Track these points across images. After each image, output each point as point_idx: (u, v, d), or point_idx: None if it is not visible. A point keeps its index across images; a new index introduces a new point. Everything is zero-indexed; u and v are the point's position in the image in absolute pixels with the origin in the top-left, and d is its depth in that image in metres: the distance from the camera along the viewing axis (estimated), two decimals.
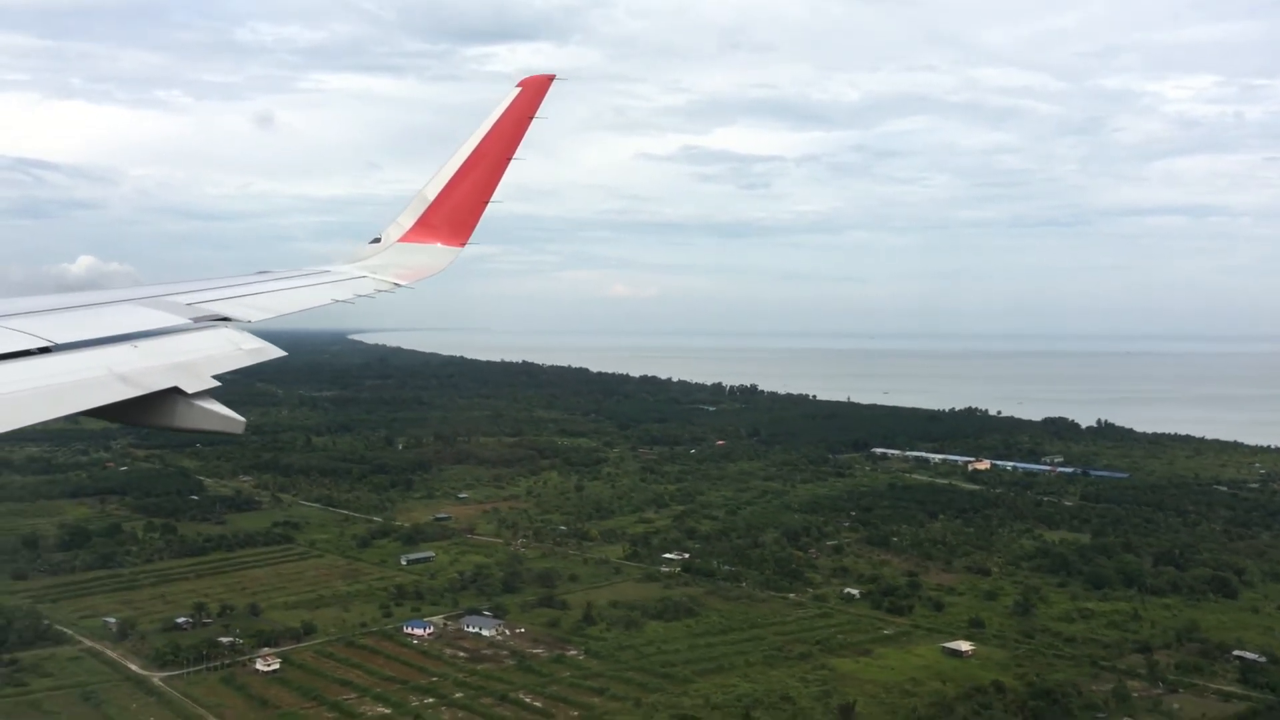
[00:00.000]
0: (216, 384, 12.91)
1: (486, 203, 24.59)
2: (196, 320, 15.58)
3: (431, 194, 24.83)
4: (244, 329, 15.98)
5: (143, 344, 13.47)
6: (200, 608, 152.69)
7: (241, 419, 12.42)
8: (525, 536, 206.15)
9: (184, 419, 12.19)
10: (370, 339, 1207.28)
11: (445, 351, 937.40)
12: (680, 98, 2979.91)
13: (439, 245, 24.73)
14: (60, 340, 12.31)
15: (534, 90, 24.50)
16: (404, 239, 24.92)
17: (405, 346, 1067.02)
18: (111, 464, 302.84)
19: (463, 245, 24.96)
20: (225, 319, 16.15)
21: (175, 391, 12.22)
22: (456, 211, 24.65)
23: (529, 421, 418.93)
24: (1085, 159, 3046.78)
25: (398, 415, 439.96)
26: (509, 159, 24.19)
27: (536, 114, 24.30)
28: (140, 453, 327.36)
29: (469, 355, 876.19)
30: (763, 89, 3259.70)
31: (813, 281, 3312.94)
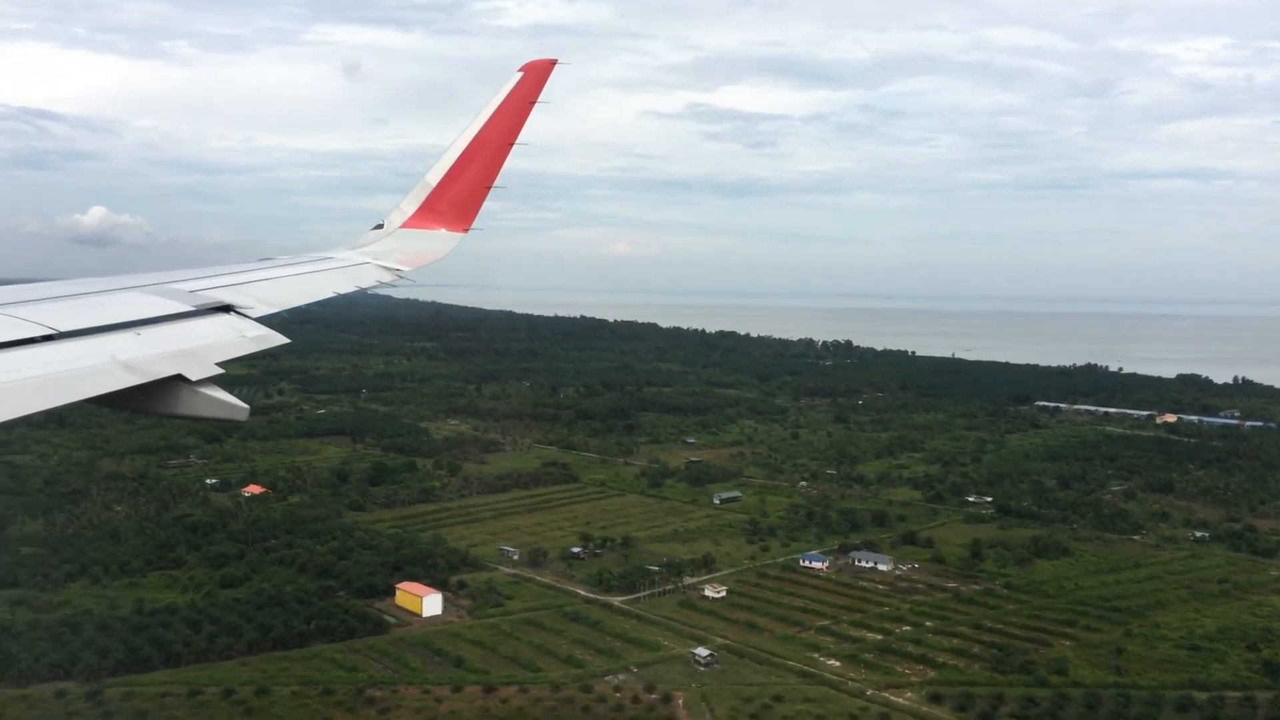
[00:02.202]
0: (220, 371, 12.82)
1: (489, 188, 24.67)
2: (199, 308, 15.55)
3: (434, 180, 24.72)
4: (247, 316, 16.02)
5: (146, 331, 13.36)
6: (587, 539, 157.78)
7: (245, 406, 12.23)
8: (806, 480, 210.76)
9: (188, 406, 12.14)
10: (397, 294, 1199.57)
11: (487, 306, 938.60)
12: (688, 55, 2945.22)
13: (442, 231, 24.72)
14: (63, 328, 12.20)
15: (536, 75, 24.49)
16: (407, 225, 24.84)
17: (441, 301, 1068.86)
18: (307, 406, 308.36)
19: (466, 231, 24.95)
20: (228, 307, 16.10)
21: (179, 379, 12.15)
22: (459, 197, 24.62)
23: (663, 373, 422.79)
24: (1093, 121, 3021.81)
25: (527, 365, 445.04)
26: (511, 145, 24.20)
27: (539, 99, 24.28)
28: (322, 397, 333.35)
29: (517, 310, 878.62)
30: (771, 47, 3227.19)
31: (816, 242, 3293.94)
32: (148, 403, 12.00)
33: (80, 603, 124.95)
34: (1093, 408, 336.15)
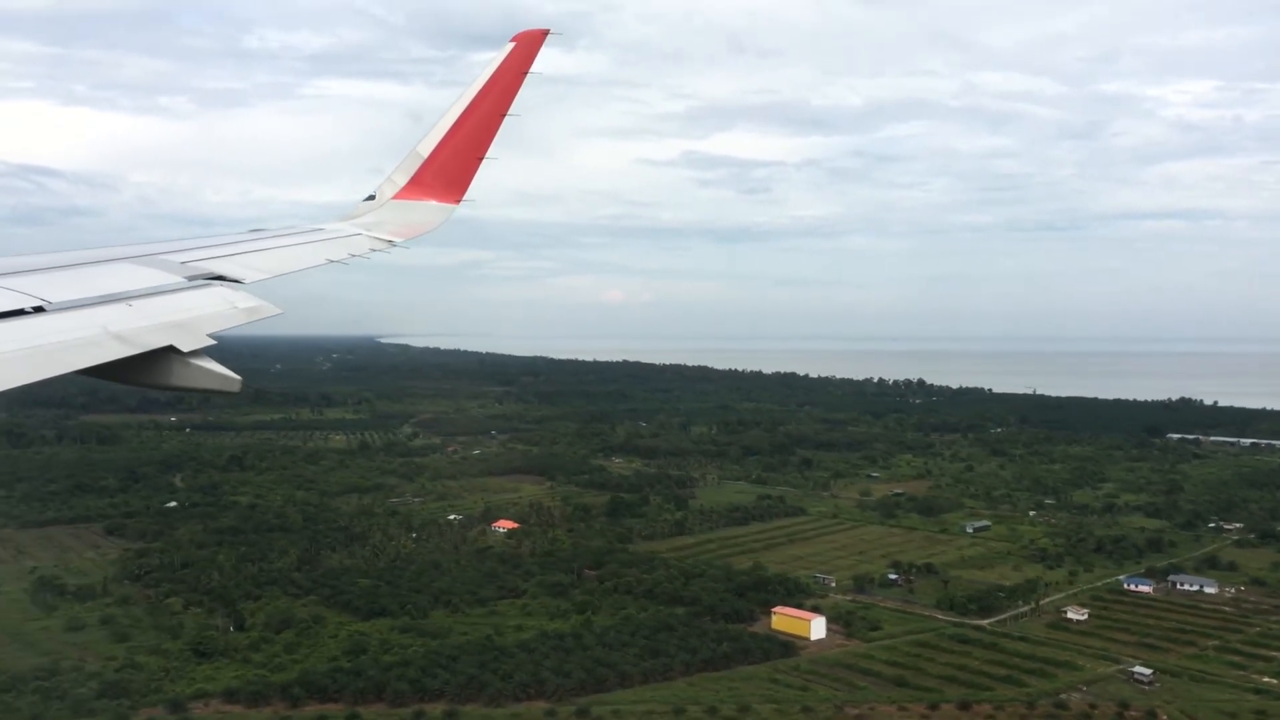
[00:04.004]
0: (212, 343, 12.71)
1: (481, 159, 24.11)
2: (191, 279, 15.35)
3: (425, 151, 24.37)
4: (239, 288, 15.76)
5: (138, 303, 13.23)
6: (896, 565, 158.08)
7: (237, 377, 12.08)
8: (1033, 509, 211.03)
9: (180, 378, 12.06)
10: (416, 344, 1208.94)
11: (517, 354, 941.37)
12: (682, 103, 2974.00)
13: (433, 202, 24.25)
14: (55, 299, 12.14)
15: (528, 45, 24.07)
16: (398, 196, 24.47)
17: (462, 348, 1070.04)
18: (454, 448, 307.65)
19: (457, 202, 24.40)
20: (220, 278, 15.91)
21: (171, 350, 12.09)
22: (450, 168, 24.20)
23: (770, 412, 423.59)
24: (1083, 163, 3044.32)
25: (629, 407, 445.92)
26: (503, 115, 23.73)
27: (530, 69, 23.84)
28: (463, 439, 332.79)
29: (552, 356, 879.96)
30: (764, 94, 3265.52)
31: (810, 286, 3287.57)
32: (140, 374, 11.93)
33: (460, 628, 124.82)
34: (1228, 439, 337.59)
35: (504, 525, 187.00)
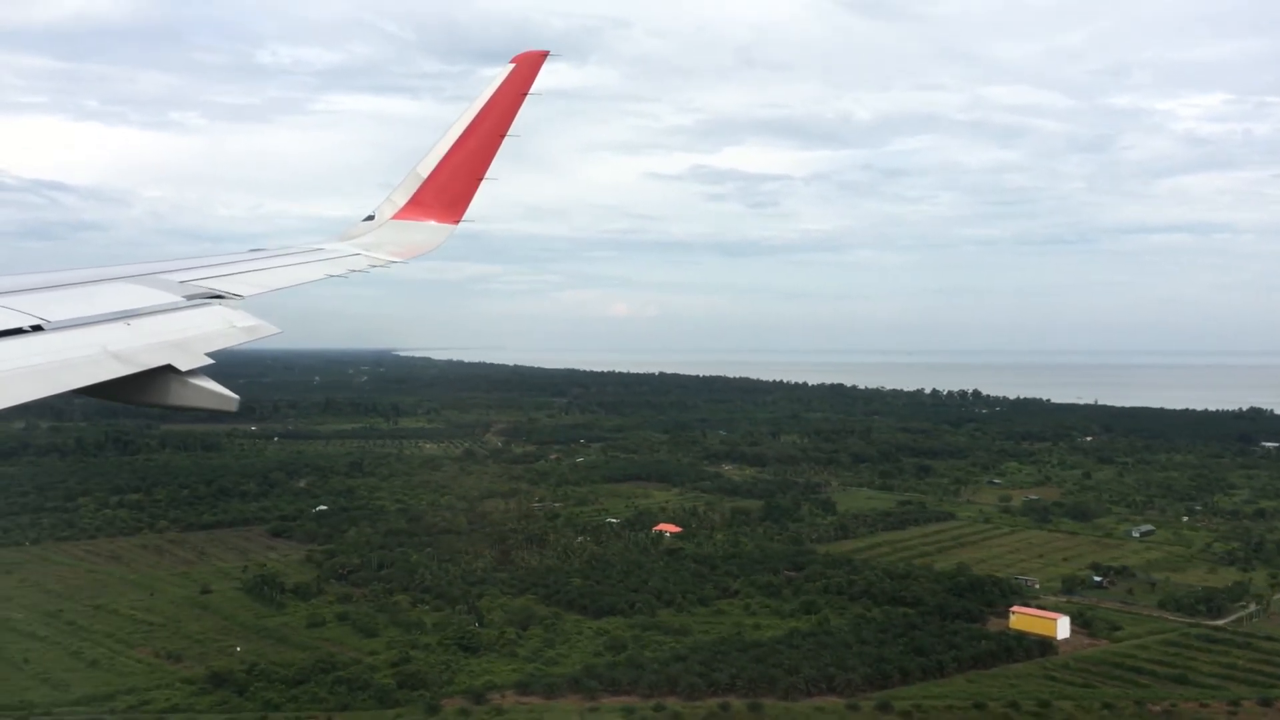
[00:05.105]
0: (210, 362, 12.71)
1: (480, 179, 24.22)
2: (190, 298, 15.39)
3: (425, 171, 24.42)
4: (238, 306, 15.81)
5: (136, 322, 13.22)
6: (1097, 567, 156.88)
7: (235, 396, 12.13)
8: (1188, 515, 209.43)
9: (178, 397, 12.08)
10: (438, 356, 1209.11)
11: (544, 366, 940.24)
12: (691, 117, 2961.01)
13: (432, 223, 24.33)
14: (53, 319, 12.15)
15: (528, 66, 24.31)
16: (397, 216, 24.54)
17: (486, 361, 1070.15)
18: (556, 456, 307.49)
19: (456, 223, 24.52)
20: (219, 296, 15.96)
21: (169, 369, 12.11)
22: (450, 188, 24.31)
23: (843, 421, 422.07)
24: (1092, 177, 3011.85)
25: (700, 418, 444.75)
26: (503, 135, 23.93)
27: (530, 90, 24.04)
28: (558, 447, 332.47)
29: (581, 369, 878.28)
30: (773, 108, 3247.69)
31: (817, 300, 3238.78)
32: (137, 394, 11.98)
33: (697, 627, 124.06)
34: None
35: (668, 529, 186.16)
